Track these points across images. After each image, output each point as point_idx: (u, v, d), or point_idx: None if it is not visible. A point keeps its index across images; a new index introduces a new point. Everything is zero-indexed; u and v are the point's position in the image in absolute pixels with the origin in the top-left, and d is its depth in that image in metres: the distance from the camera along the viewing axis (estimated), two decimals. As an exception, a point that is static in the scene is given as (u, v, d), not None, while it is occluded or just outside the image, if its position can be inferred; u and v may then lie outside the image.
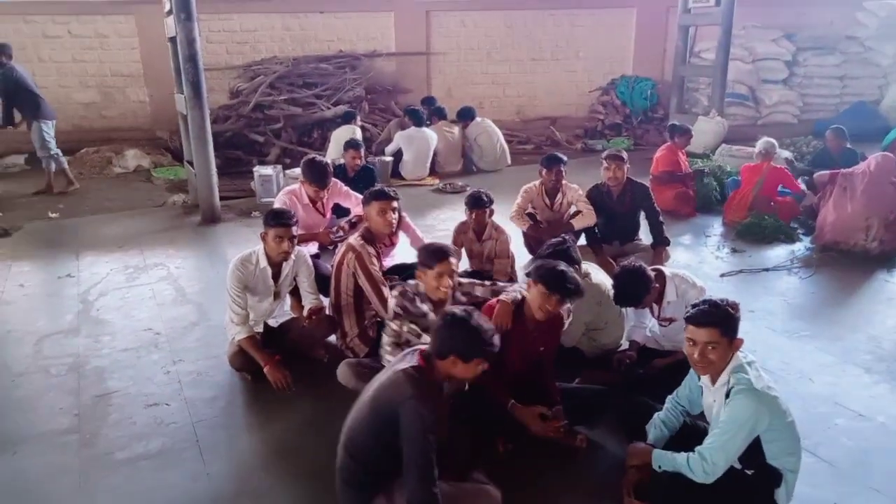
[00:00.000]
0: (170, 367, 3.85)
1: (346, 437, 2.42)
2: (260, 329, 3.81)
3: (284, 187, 4.75)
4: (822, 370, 3.79)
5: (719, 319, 2.49)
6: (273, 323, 3.92)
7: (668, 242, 5.16)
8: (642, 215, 5.33)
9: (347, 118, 8.42)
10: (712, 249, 5.83)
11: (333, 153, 8.20)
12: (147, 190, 8.37)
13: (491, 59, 11.78)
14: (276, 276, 3.76)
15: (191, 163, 6.78)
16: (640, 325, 3.74)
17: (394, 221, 3.87)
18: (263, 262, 3.66)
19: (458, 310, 2.42)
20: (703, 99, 10.79)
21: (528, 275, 3.10)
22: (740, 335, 2.54)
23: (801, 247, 5.82)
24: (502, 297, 3.12)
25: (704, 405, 2.73)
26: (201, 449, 3.11)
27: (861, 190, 5.61)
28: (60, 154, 7.97)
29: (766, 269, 5.32)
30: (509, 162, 9.18)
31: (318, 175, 4.37)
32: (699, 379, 2.74)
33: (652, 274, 3.40)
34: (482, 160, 8.93)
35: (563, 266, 2.95)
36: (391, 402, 2.26)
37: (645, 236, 5.41)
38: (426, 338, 3.22)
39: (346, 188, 4.77)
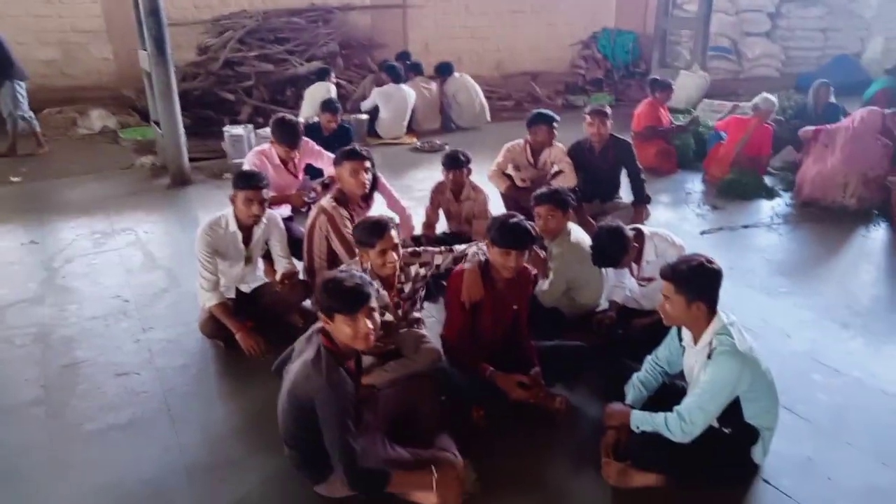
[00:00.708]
0: (139, 335, 3.74)
1: (282, 429, 2.47)
2: (232, 295, 3.70)
3: (255, 147, 4.57)
4: (800, 326, 3.79)
5: (676, 275, 2.46)
6: (246, 288, 3.80)
7: (649, 200, 5.11)
8: (623, 174, 5.25)
9: (321, 75, 8.15)
10: (693, 207, 5.79)
11: (307, 111, 7.96)
12: (113, 152, 8.08)
13: (470, 11, 11.45)
14: (247, 240, 3.63)
15: (157, 123, 6.53)
16: (620, 285, 3.69)
17: (367, 182, 3.74)
18: (233, 226, 3.52)
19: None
20: (686, 53, 10.61)
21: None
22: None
23: (782, 203, 5.80)
24: (466, 264, 3.02)
25: (685, 366, 2.70)
26: (173, 419, 3.04)
27: (841, 146, 5.56)
28: (33, 116, 7.62)
29: (746, 226, 5.30)
30: (489, 119, 9.01)
31: (288, 134, 4.20)
32: (681, 340, 2.71)
33: (631, 234, 3.33)
34: (461, 117, 8.74)
35: (513, 219, 2.87)
36: (307, 395, 2.28)
37: (625, 195, 5.34)
38: (389, 316, 3.15)
39: (318, 148, 4.61)
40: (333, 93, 8.00)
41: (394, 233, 2.94)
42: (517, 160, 5.16)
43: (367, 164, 3.73)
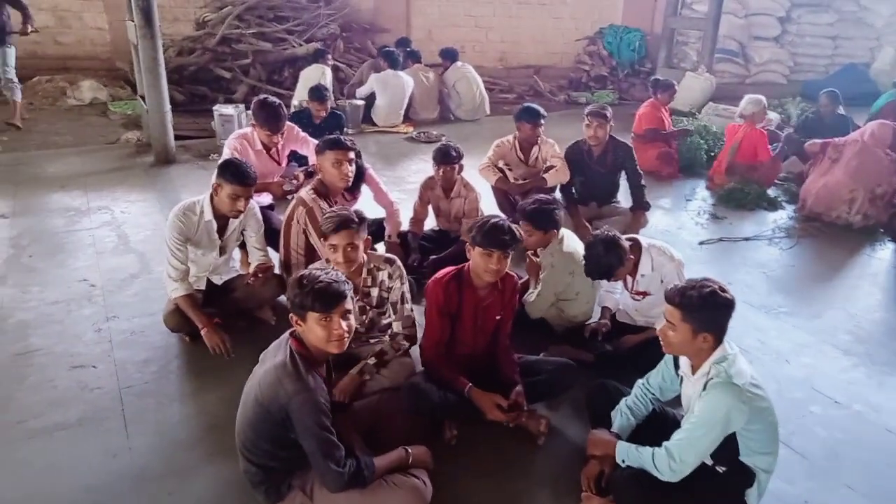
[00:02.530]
0: (102, 323, 3.53)
1: (240, 441, 2.27)
2: (202, 286, 3.49)
3: (236, 130, 4.33)
4: (799, 350, 3.60)
5: (685, 302, 2.24)
6: (217, 279, 3.58)
7: (647, 207, 4.91)
8: (622, 176, 5.04)
9: (317, 57, 7.90)
10: (692, 215, 5.58)
11: (302, 94, 7.70)
12: (101, 125, 7.83)
13: (475, 0, 11.15)
14: (221, 229, 3.41)
15: (144, 98, 6.28)
16: (611, 290, 3.50)
17: (349, 174, 3.52)
18: (209, 215, 3.30)
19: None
20: (693, 54, 10.39)
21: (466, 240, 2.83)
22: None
23: (784, 216, 5.60)
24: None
25: (683, 395, 2.50)
26: (126, 419, 2.83)
27: (849, 159, 5.36)
28: (18, 85, 7.33)
29: (747, 239, 5.10)
30: (488, 112, 8.77)
31: (269, 117, 3.96)
32: (677, 368, 2.51)
33: (627, 245, 3.13)
34: (460, 108, 8.50)
35: (493, 219, 2.71)
36: (277, 403, 2.10)
37: (624, 198, 5.13)
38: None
39: (303, 134, 4.37)
40: (328, 76, 7.76)
41: (356, 234, 2.75)
42: (507, 157, 4.95)
43: (351, 154, 3.51)
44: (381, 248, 4.26)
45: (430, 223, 4.55)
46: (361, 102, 7.79)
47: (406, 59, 8.31)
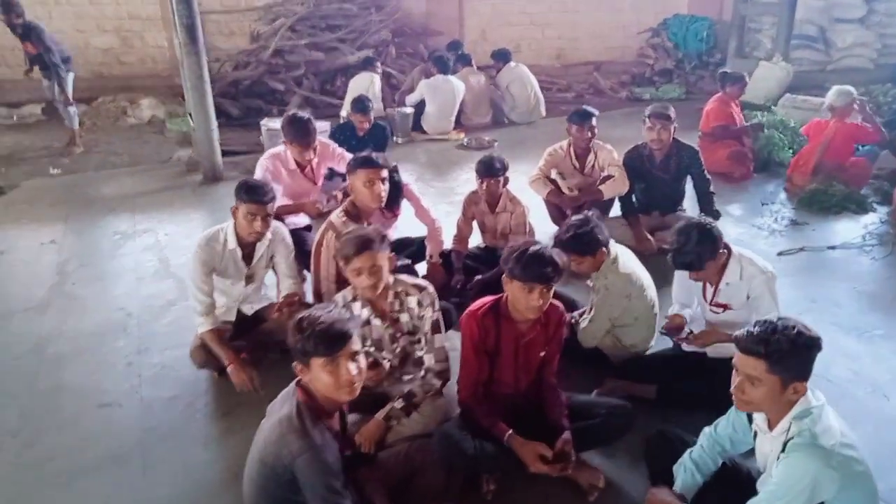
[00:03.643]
0: (133, 356, 3.42)
1: (245, 498, 2.07)
2: (232, 317, 3.33)
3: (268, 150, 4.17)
4: (900, 383, 3.11)
5: (773, 350, 1.86)
6: (248, 309, 3.42)
7: (717, 216, 4.44)
8: (688, 182, 4.60)
9: (366, 65, 7.74)
10: (769, 221, 5.05)
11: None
12: (157, 143, 7.93)
13: (530, -4, 10.77)
14: (248, 257, 3.24)
15: (192, 115, 6.27)
16: (686, 305, 3.13)
17: (382, 194, 3.28)
18: (232, 243, 3.13)
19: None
20: (767, 41, 9.61)
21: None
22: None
23: (876, 220, 4.98)
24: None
25: (758, 452, 2.12)
26: (146, 464, 2.68)
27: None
28: (76, 112, 7.47)
29: (833, 248, 4.55)
30: (544, 114, 8.38)
31: (299, 133, 3.77)
32: (751, 418, 2.13)
33: (722, 237, 2.79)
34: (514, 111, 8.16)
35: (532, 247, 2.39)
36: (281, 463, 1.88)
37: (690, 206, 4.69)
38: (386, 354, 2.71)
39: (339, 150, 4.16)
40: (377, 84, 7.59)
41: (379, 254, 2.53)
42: (561, 166, 4.60)
43: (384, 173, 3.27)
44: (422, 268, 4.01)
45: (477, 240, 4.25)
46: (411, 110, 7.56)
47: (456, 62, 8.04)
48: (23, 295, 4.11)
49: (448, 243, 4.11)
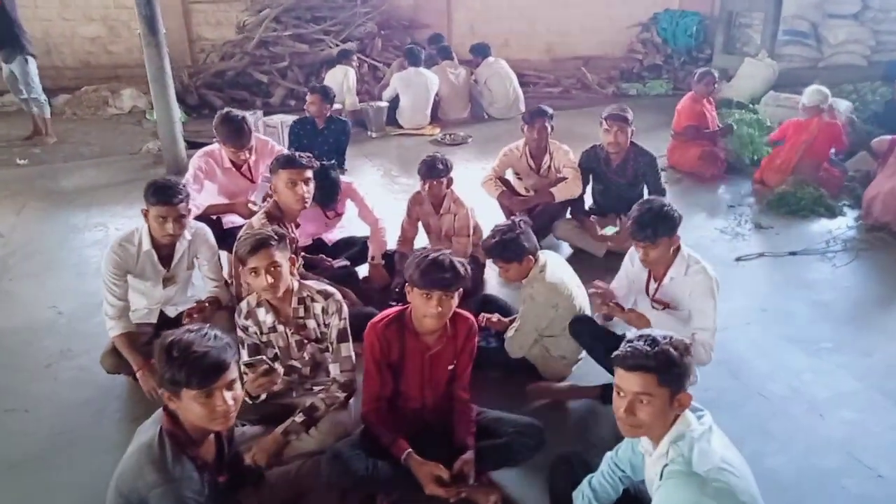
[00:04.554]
0: (54, 358, 3.33)
1: None
2: (153, 319, 3.23)
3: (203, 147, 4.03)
4: (839, 401, 2.98)
5: (659, 362, 1.77)
6: (172, 311, 3.31)
7: None
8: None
9: (340, 58, 7.61)
10: (733, 223, 4.90)
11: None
12: (132, 134, 7.84)
13: (520, -11, 10.57)
14: (168, 258, 3.14)
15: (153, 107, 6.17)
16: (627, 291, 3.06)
17: (306, 196, 3.17)
18: (147, 244, 3.03)
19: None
20: (757, 37, 9.40)
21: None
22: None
23: (844, 225, 4.83)
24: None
25: (646, 478, 2.01)
26: (45, 473, 2.59)
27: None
28: (46, 100, 7.15)
29: (793, 253, 4.40)
30: (523, 109, 8.19)
31: (231, 133, 3.65)
32: (640, 441, 2.02)
33: (680, 220, 2.75)
34: (492, 106, 8.01)
35: (433, 254, 2.29)
36: (137, 493, 1.76)
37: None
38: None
39: (278, 148, 4.05)
40: (351, 77, 7.47)
41: (277, 253, 2.45)
42: (517, 166, 4.48)
43: (307, 173, 3.16)
44: (363, 270, 3.91)
45: (422, 241, 4.14)
46: (385, 104, 7.44)
47: (436, 56, 7.90)
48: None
49: (393, 244, 4.01)
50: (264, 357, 2.36)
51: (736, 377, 3.13)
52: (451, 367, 2.52)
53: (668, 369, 1.78)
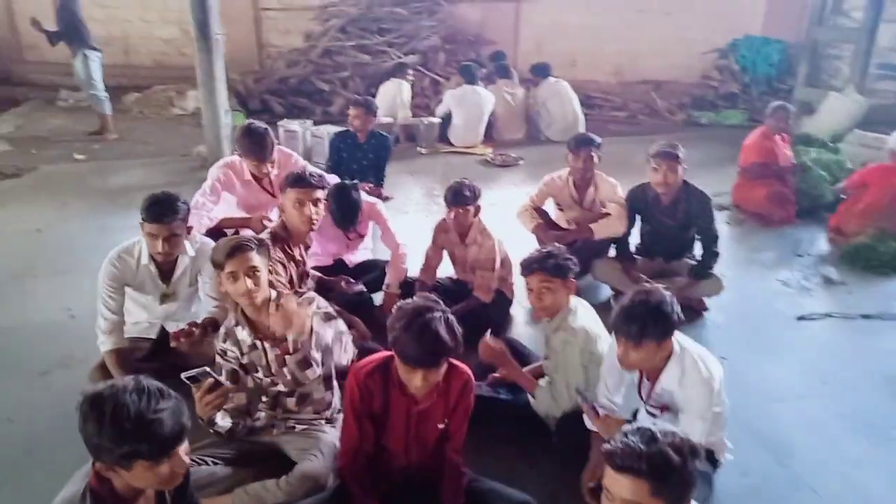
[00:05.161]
0: (53, 365, 3.23)
1: None
2: (153, 334, 3.09)
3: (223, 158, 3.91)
4: (904, 505, 2.51)
5: (651, 467, 1.46)
6: (174, 327, 3.15)
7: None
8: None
9: (396, 71, 7.48)
10: (798, 276, 4.40)
11: (379, 111, 7.34)
12: (189, 135, 7.91)
13: (590, 8, 10.20)
14: (169, 273, 2.99)
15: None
16: (610, 398, 2.51)
17: (314, 217, 2.98)
18: (145, 258, 2.90)
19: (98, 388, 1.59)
20: (847, 69, 8.71)
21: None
22: None
23: (931, 287, 4.26)
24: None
25: None
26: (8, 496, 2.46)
27: None
28: (107, 97, 7.32)
29: (867, 316, 3.88)
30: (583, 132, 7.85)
31: (253, 146, 3.51)
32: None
33: (679, 319, 2.21)
34: (550, 128, 7.68)
35: (423, 316, 1.96)
36: None
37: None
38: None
39: (302, 162, 3.88)
40: (406, 91, 7.32)
41: (255, 256, 2.33)
42: (558, 196, 4.16)
43: (317, 193, 2.96)
44: (378, 298, 3.68)
45: (447, 271, 3.88)
46: (437, 120, 7.24)
47: (494, 74, 7.65)
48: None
49: (416, 271, 3.76)
50: (207, 369, 2.14)
51: (782, 463, 2.70)
52: (441, 426, 2.23)
53: (665, 477, 1.46)
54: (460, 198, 3.46)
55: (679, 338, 2.32)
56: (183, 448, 1.62)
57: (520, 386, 2.78)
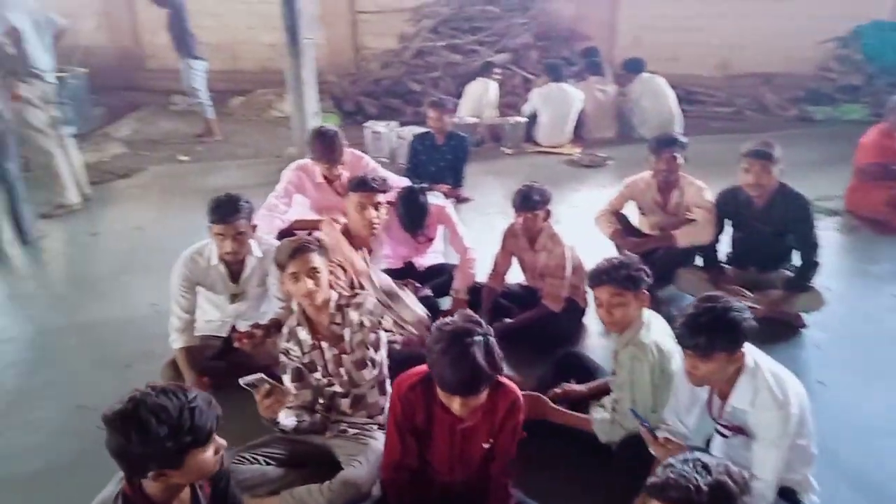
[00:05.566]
0: (136, 358, 3.40)
1: None
2: (224, 333, 3.19)
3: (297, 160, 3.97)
4: None
5: (707, 501, 1.32)
6: (244, 326, 3.24)
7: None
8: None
9: (482, 70, 7.39)
10: (906, 296, 3.90)
11: (465, 111, 7.32)
12: (284, 138, 8.17)
13: (694, -2, 9.64)
14: (238, 273, 3.08)
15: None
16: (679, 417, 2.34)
17: (376, 221, 2.97)
18: (215, 259, 2.99)
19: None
20: None
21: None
22: None
23: None
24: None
25: None
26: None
27: None
28: (209, 103, 7.77)
29: None
30: (680, 130, 7.42)
31: (324, 149, 3.55)
32: None
33: (752, 327, 2.01)
34: (644, 126, 7.31)
35: (461, 341, 1.85)
36: None
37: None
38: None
39: (373, 164, 3.88)
40: (492, 91, 7.23)
41: (316, 258, 2.41)
42: (640, 200, 3.92)
43: (378, 197, 2.94)
44: (446, 303, 3.62)
45: (517, 276, 3.75)
46: (524, 119, 7.09)
47: (584, 70, 7.39)
48: (81, 277, 4.38)
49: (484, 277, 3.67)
50: (262, 375, 2.18)
51: (880, 509, 2.38)
52: (486, 445, 2.13)
53: None
54: (528, 202, 3.32)
55: (754, 353, 2.09)
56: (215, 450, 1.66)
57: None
